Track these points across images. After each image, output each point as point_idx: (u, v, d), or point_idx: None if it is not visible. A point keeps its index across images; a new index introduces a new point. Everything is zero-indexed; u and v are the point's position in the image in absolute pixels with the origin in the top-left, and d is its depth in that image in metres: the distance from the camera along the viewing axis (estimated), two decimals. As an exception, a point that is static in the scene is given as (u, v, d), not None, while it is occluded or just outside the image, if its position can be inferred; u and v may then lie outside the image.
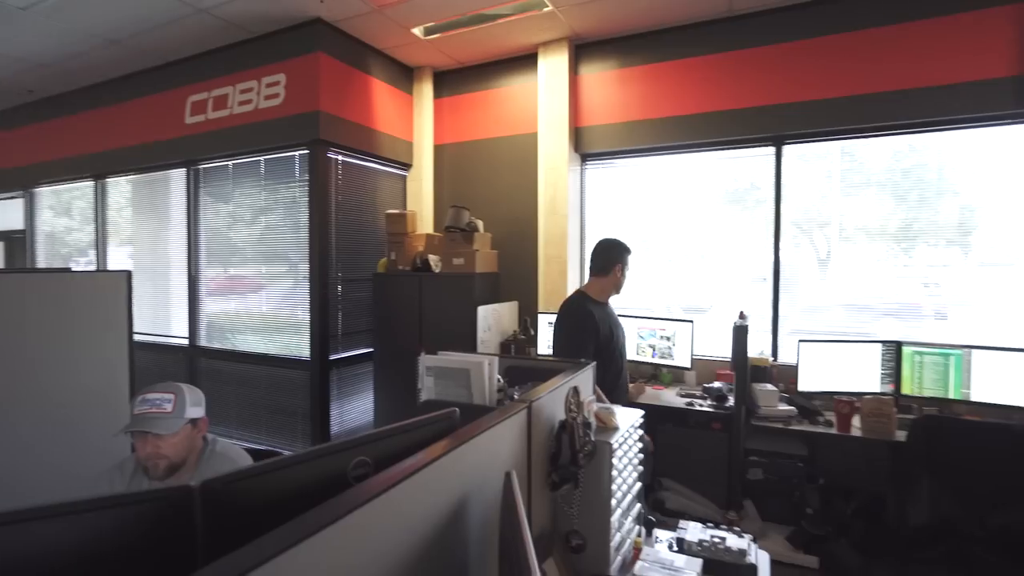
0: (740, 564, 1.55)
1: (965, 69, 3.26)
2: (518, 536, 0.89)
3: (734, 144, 3.95)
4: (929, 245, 3.60)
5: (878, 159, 3.69)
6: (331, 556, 0.73)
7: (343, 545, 0.76)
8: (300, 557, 0.67)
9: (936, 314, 3.63)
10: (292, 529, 0.71)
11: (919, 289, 3.66)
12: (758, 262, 3.97)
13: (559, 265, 4.32)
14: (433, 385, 1.52)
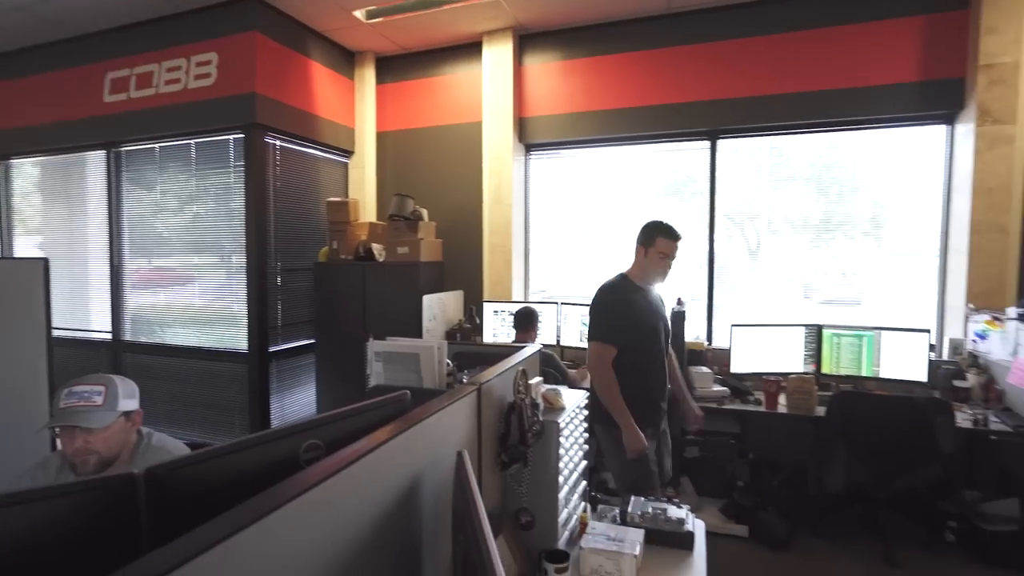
0: (679, 532, 1.65)
1: (879, 73, 3.53)
2: (472, 511, 0.92)
3: (672, 137, 4.11)
4: (847, 236, 3.88)
5: (802, 155, 3.94)
6: (282, 539, 0.72)
7: (294, 527, 0.75)
8: (249, 541, 0.65)
9: (852, 300, 3.94)
10: (240, 513, 0.69)
11: (838, 277, 3.96)
12: (694, 252, 4.16)
13: (504, 254, 4.36)
14: (382, 370, 1.52)
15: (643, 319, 2.40)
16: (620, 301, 2.41)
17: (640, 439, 2.29)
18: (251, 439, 0.96)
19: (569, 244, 4.50)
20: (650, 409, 2.42)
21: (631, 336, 2.37)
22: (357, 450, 0.94)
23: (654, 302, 2.49)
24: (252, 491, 0.87)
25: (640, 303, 2.41)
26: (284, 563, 0.74)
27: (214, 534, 0.62)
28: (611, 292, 2.46)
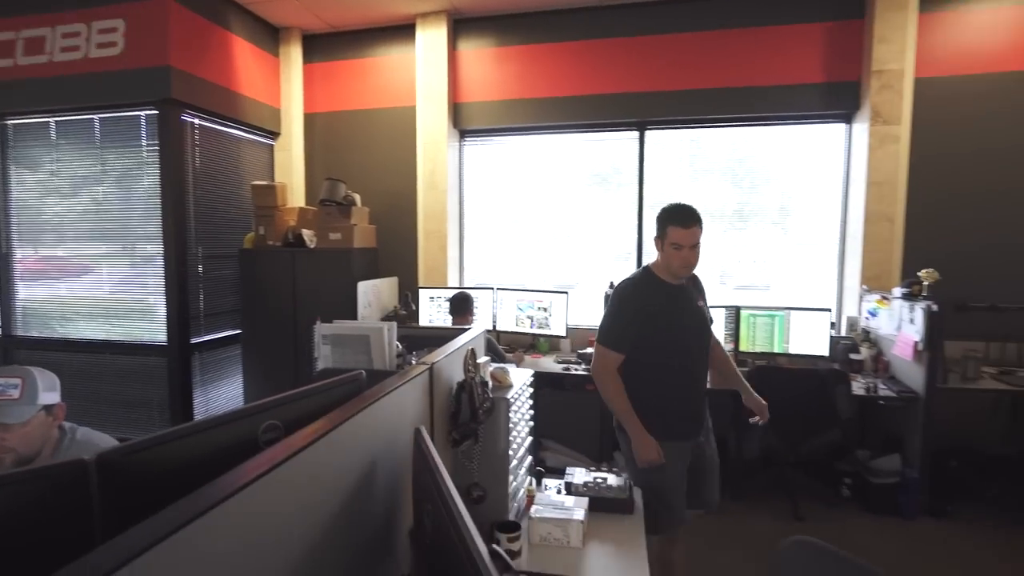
0: (620, 498, 1.76)
1: (789, 73, 3.82)
2: (439, 481, 0.96)
3: (603, 127, 4.25)
4: (757, 226, 4.19)
5: (718, 149, 4.20)
6: (245, 521, 0.72)
7: (258, 509, 0.75)
8: (209, 525, 0.63)
9: (762, 285, 4.27)
10: (199, 497, 0.67)
11: (750, 263, 4.27)
12: (621, 239, 4.35)
13: (439, 240, 4.35)
14: (330, 353, 1.50)
15: (664, 323, 2.07)
16: (633, 303, 2.09)
17: (649, 448, 2.02)
18: (208, 421, 0.94)
19: (504, 230, 4.56)
20: (674, 421, 2.09)
21: (645, 343, 2.07)
22: (318, 429, 0.95)
23: (684, 298, 2.11)
24: (211, 474, 0.86)
25: (662, 303, 2.07)
26: (250, 545, 0.73)
27: (172, 521, 0.60)
28: (625, 291, 2.14)
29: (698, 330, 2.13)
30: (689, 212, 2.05)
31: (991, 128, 3.55)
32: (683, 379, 2.10)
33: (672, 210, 2.08)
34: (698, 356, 2.14)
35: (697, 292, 2.19)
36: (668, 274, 2.10)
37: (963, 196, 3.59)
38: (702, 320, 2.14)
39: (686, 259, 2.04)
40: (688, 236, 2.02)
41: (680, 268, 2.06)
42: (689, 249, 2.03)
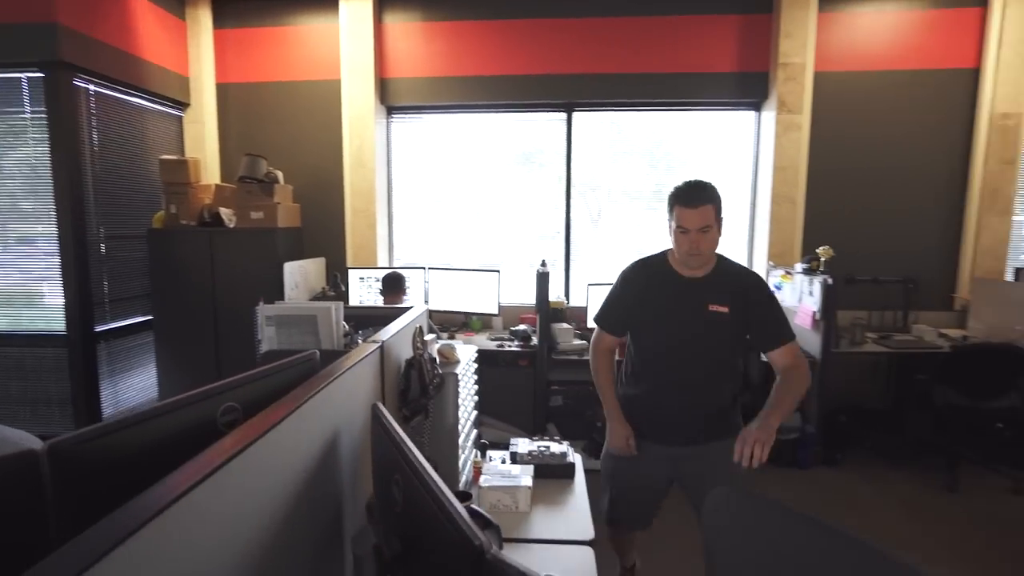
0: (563, 464, 1.86)
1: (706, 62, 4.04)
2: (406, 452, 0.99)
3: (532, 108, 4.30)
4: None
5: (638, 132, 4.38)
6: (217, 507, 0.71)
7: (226, 496, 0.74)
8: (180, 514, 0.62)
9: None
10: (170, 484, 0.66)
11: (662, 242, 4.50)
12: (547, 218, 4.45)
13: (367, 219, 4.25)
14: (275, 335, 1.47)
15: (656, 315, 1.85)
16: (630, 285, 1.92)
17: (617, 435, 1.89)
18: (164, 405, 0.91)
19: (433, 210, 4.53)
20: (651, 420, 1.90)
21: (638, 331, 1.91)
22: (281, 410, 0.95)
23: (692, 296, 1.80)
24: (171, 459, 0.85)
25: (661, 294, 1.84)
26: (219, 531, 0.73)
27: (142, 512, 0.58)
28: (628, 270, 1.97)
29: (697, 335, 1.80)
30: (697, 189, 1.75)
31: (877, 120, 3.96)
32: (668, 382, 1.86)
33: (679, 188, 1.78)
34: (692, 363, 1.82)
35: (725, 295, 1.78)
36: (681, 263, 1.82)
37: (853, 181, 4.00)
38: (708, 326, 1.78)
39: (694, 244, 1.72)
40: (695, 217, 1.71)
41: (686, 255, 1.76)
42: (697, 232, 1.71)
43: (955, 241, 4.03)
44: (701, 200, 1.74)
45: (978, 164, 3.90)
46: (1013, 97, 3.82)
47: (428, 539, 0.89)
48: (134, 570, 0.54)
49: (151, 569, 0.58)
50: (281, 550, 0.91)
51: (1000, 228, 3.94)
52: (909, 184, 4.00)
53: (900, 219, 4.02)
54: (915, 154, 3.99)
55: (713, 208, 1.75)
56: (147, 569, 0.57)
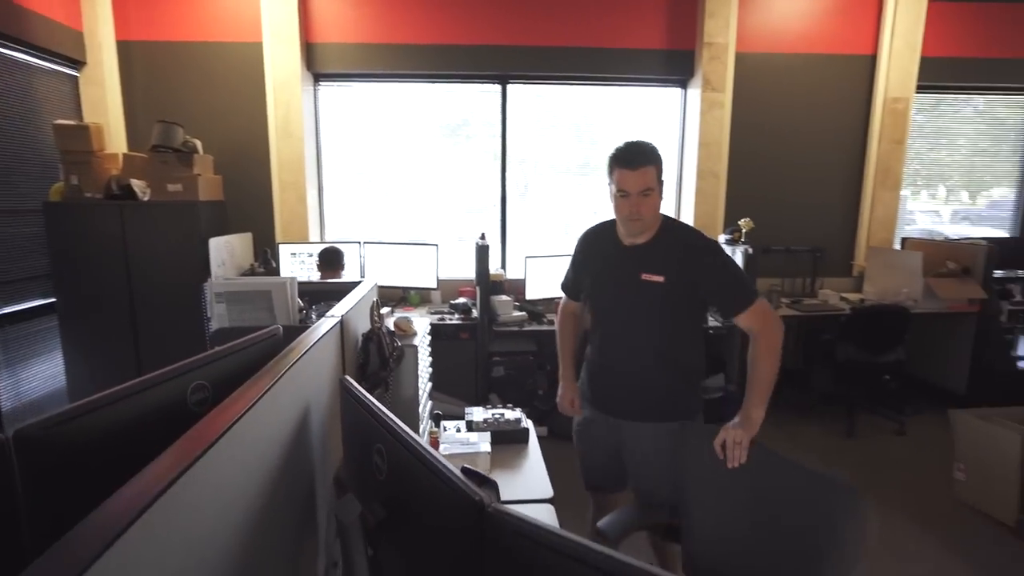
0: (517, 429, 1.93)
1: (637, 38, 4.14)
2: (386, 420, 1.00)
3: (467, 79, 4.24)
4: (599, 179, 4.54)
5: (567, 105, 4.43)
6: (204, 493, 0.69)
7: (213, 478, 0.71)
8: (168, 506, 0.58)
9: None
10: (153, 474, 0.62)
11: (592, 215, 4.63)
12: (479, 191, 4.44)
13: (297, 192, 4.07)
14: (226, 312, 1.41)
15: (594, 282, 1.81)
16: (578, 249, 1.92)
17: (563, 396, 1.92)
18: (132, 386, 0.87)
19: (366, 182, 4.40)
20: (590, 389, 1.87)
21: (586, 293, 1.88)
22: (259, 387, 0.93)
23: (627, 265, 1.71)
24: (144, 440, 0.82)
25: (599, 260, 1.80)
26: (207, 517, 0.71)
27: (127, 508, 0.54)
28: (581, 236, 1.93)
29: (632, 306, 1.71)
30: (638, 150, 1.62)
31: (790, 100, 4.25)
32: (610, 350, 1.81)
33: (618, 149, 1.65)
34: (630, 335, 1.74)
35: (662, 263, 1.66)
36: (622, 230, 1.73)
37: (769, 157, 4.30)
38: (640, 296, 1.67)
39: (635, 208, 1.62)
40: (635, 179, 1.59)
41: (626, 220, 1.66)
42: (638, 196, 1.60)
43: (854, 214, 4.46)
44: (642, 161, 1.61)
45: (873, 144, 4.31)
46: (902, 82, 4.22)
47: (420, 502, 0.91)
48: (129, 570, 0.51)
49: (145, 567, 0.55)
50: (265, 528, 0.90)
51: (890, 202, 4.39)
52: (817, 161, 4.36)
53: (809, 193, 4.38)
54: (822, 133, 4.33)
55: (655, 170, 1.63)
56: (141, 568, 0.55)
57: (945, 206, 4.96)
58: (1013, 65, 4.39)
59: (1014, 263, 4.36)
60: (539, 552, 0.70)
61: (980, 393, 3.64)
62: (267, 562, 0.94)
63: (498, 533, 0.74)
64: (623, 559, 0.66)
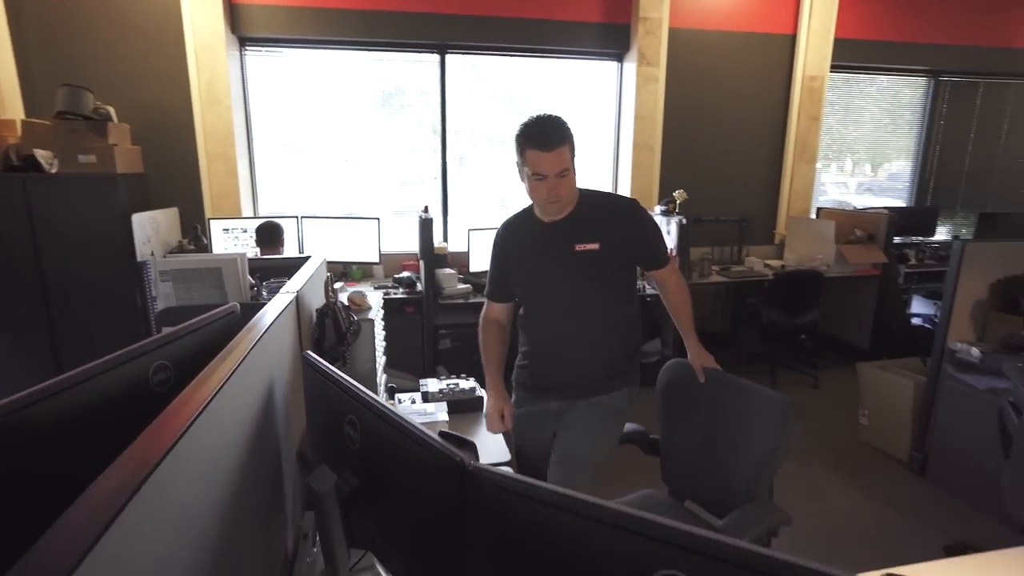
0: (472, 398, 1.99)
1: (575, 11, 4.16)
2: (358, 392, 1.02)
3: (403, 47, 4.12)
4: None
5: (504, 77, 4.41)
6: (182, 479, 0.68)
7: (191, 464, 0.70)
8: (149, 496, 0.56)
9: None
10: (133, 463, 0.59)
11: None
12: (415, 163, 4.36)
13: (227, 164, 3.86)
14: (172, 291, 1.35)
15: (528, 268, 1.72)
16: (501, 245, 1.79)
17: (493, 409, 1.74)
18: (93, 368, 0.85)
19: (300, 155, 4.23)
20: (535, 378, 1.79)
21: (519, 289, 1.77)
22: (228, 365, 0.92)
23: (556, 240, 1.65)
24: (107, 424, 0.81)
25: (527, 245, 1.71)
26: (185, 503, 0.70)
27: (124, 486, 0.54)
28: (498, 232, 1.82)
29: (570, 280, 1.66)
30: (551, 128, 1.53)
31: (719, 76, 4.44)
32: (552, 336, 1.73)
33: (528, 128, 1.55)
34: (572, 312, 1.68)
35: (593, 230, 1.63)
36: (540, 211, 1.67)
37: (700, 131, 4.49)
38: (577, 267, 1.63)
39: (553, 190, 1.55)
40: (551, 161, 1.52)
41: (546, 203, 1.60)
42: (556, 177, 1.53)
43: (775, 186, 4.76)
44: (556, 141, 1.51)
45: (793, 120, 4.59)
46: (818, 62, 4.50)
47: (397, 468, 0.95)
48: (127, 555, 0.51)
49: (139, 551, 0.55)
50: (242, 506, 0.91)
51: (807, 174, 4.72)
52: (743, 135, 4.60)
53: (736, 166, 4.62)
54: (748, 109, 4.56)
55: (568, 147, 1.54)
56: (135, 553, 0.54)
57: (852, 178, 5.39)
58: (913, 49, 4.78)
59: (910, 230, 4.84)
60: (520, 503, 0.76)
61: (881, 347, 4.05)
62: (245, 539, 0.95)
63: (480, 489, 0.79)
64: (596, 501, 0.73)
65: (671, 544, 0.64)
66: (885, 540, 2.50)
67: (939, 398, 2.85)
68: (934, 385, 2.87)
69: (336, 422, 1.07)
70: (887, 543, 2.48)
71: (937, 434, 2.87)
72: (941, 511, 2.69)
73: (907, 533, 2.54)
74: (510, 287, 1.79)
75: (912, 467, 3.00)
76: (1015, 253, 2.84)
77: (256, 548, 1.04)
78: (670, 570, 0.62)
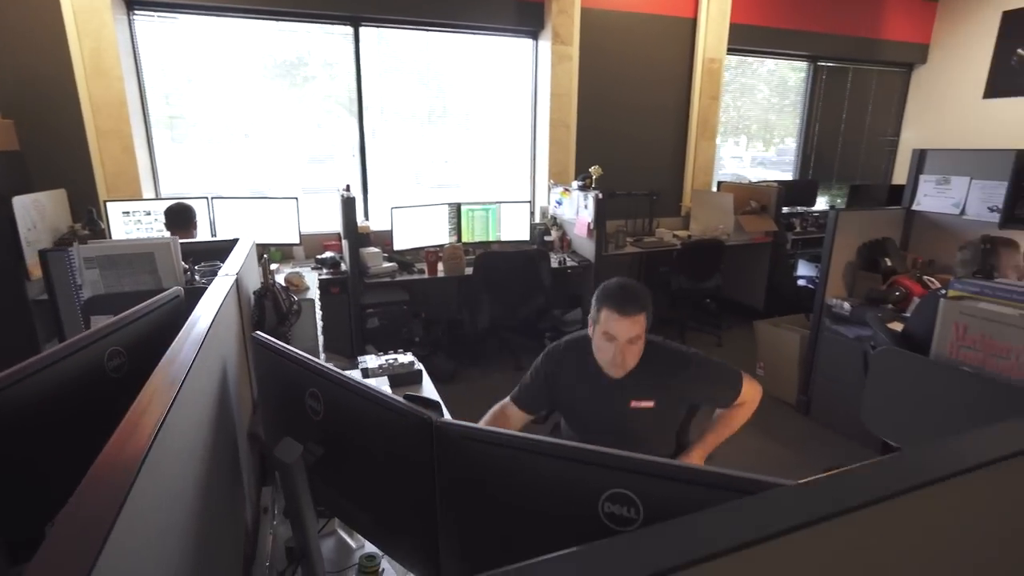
0: (412, 371, 2.06)
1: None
2: (314, 367, 1.07)
3: (315, 19, 3.96)
4: (453, 128, 4.57)
5: (416, 51, 4.35)
6: (165, 457, 0.68)
7: (172, 441, 0.72)
8: (147, 474, 0.58)
9: (454, 184, 4.76)
10: (121, 457, 0.59)
11: (441, 163, 4.69)
12: (322, 138, 4.23)
13: (122, 141, 3.56)
14: (99, 278, 1.30)
15: (573, 403, 1.72)
16: (550, 365, 1.74)
17: None
18: (46, 357, 0.84)
19: (202, 131, 3.98)
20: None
21: (562, 413, 1.80)
22: (189, 349, 0.94)
23: (614, 397, 1.63)
24: (66, 411, 0.83)
25: (577, 390, 1.68)
26: (175, 475, 0.73)
27: (126, 467, 0.56)
28: (553, 350, 1.77)
29: (617, 431, 1.65)
30: (631, 295, 1.52)
31: (629, 56, 4.65)
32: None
33: (608, 288, 1.56)
34: (612, 445, 1.49)
35: (650, 386, 1.61)
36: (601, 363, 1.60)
37: (612, 108, 4.70)
38: (631, 422, 1.63)
39: (619, 355, 1.53)
40: (626, 326, 1.50)
41: (609, 365, 1.56)
42: (626, 343, 1.52)
43: (681, 161, 5.10)
44: (635, 310, 1.50)
45: (695, 99, 4.92)
46: (716, 45, 4.84)
47: (365, 432, 1.02)
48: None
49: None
50: (212, 485, 0.94)
51: (708, 151, 5.10)
52: (652, 113, 4.87)
53: (646, 142, 4.90)
54: (655, 88, 4.83)
55: (646, 316, 1.53)
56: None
57: (747, 152, 5.89)
58: (796, 36, 5.26)
59: (795, 201, 5.39)
60: (484, 449, 0.87)
61: (773, 307, 4.53)
62: (222, 517, 0.99)
63: (447, 442, 0.89)
64: (551, 440, 0.85)
65: (616, 468, 0.77)
66: (777, 469, 2.88)
67: (819, 347, 3.27)
68: (815, 336, 3.29)
69: (296, 396, 1.11)
70: (779, 471, 2.84)
71: (818, 378, 3.31)
72: (822, 443, 3.13)
73: (795, 463, 2.94)
74: (542, 406, 1.77)
75: (799, 408, 3.44)
76: (877, 220, 3.30)
77: (230, 524, 1.07)
78: (618, 488, 0.76)
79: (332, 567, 1.24)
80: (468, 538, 0.92)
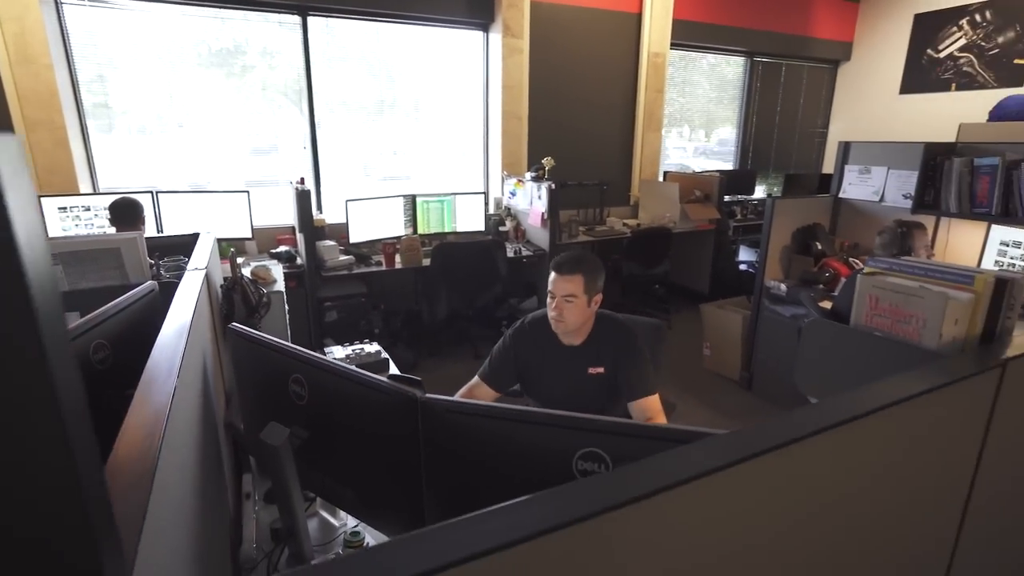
0: (379, 360, 2.10)
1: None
2: (296, 353, 1.12)
3: (260, 7, 3.87)
4: (401, 120, 4.55)
5: (365, 43, 4.31)
6: (173, 458, 0.70)
7: (178, 426, 0.76)
8: (163, 464, 0.63)
9: (404, 175, 4.75)
10: (131, 460, 0.60)
11: (390, 154, 4.68)
12: (263, 129, 4.14)
13: (54, 133, 3.38)
14: (63, 274, 1.29)
15: (532, 380, 1.93)
16: (514, 341, 1.93)
17: None
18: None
19: (140, 122, 3.82)
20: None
21: (523, 387, 1.97)
22: (179, 342, 0.97)
23: (565, 361, 1.84)
24: None
25: (535, 357, 1.88)
26: (182, 457, 0.79)
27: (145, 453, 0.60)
28: (516, 326, 1.96)
29: (575, 397, 1.82)
30: (572, 259, 1.76)
31: (578, 50, 4.77)
32: None
33: (558, 256, 1.81)
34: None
35: (601, 356, 1.81)
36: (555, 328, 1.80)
37: (563, 101, 4.82)
38: (587, 389, 1.81)
39: (557, 311, 1.74)
40: (562, 284, 1.72)
41: (554, 323, 1.78)
42: (562, 299, 1.72)
43: (629, 151, 5.28)
44: (570, 269, 1.72)
45: (641, 92, 5.10)
46: (660, 40, 5.03)
47: (351, 412, 1.08)
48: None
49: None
50: (204, 473, 0.98)
51: (654, 142, 5.30)
52: (600, 106, 5.02)
53: (595, 134, 5.05)
54: (603, 81, 4.98)
55: (582, 278, 1.71)
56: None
57: (690, 143, 6.15)
58: (735, 32, 5.53)
59: (736, 189, 5.68)
60: (466, 420, 0.95)
61: (718, 290, 4.79)
62: (213, 504, 1.03)
63: (432, 416, 0.97)
64: (526, 408, 0.94)
65: (588, 430, 0.87)
66: (724, 443, 3.09)
67: (759, 327, 3.51)
68: (755, 317, 3.53)
69: (279, 383, 1.16)
70: (725, 445, 3.06)
71: (759, 355, 3.56)
72: (765, 414, 3.36)
73: (739, 435, 3.16)
74: (510, 382, 1.92)
75: (742, 384, 3.68)
76: (809, 207, 3.56)
77: (218, 511, 1.11)
78: (589, 447, 0.86)
79: (316, 544, 1.29)
80: (452, 505, 1.00)
